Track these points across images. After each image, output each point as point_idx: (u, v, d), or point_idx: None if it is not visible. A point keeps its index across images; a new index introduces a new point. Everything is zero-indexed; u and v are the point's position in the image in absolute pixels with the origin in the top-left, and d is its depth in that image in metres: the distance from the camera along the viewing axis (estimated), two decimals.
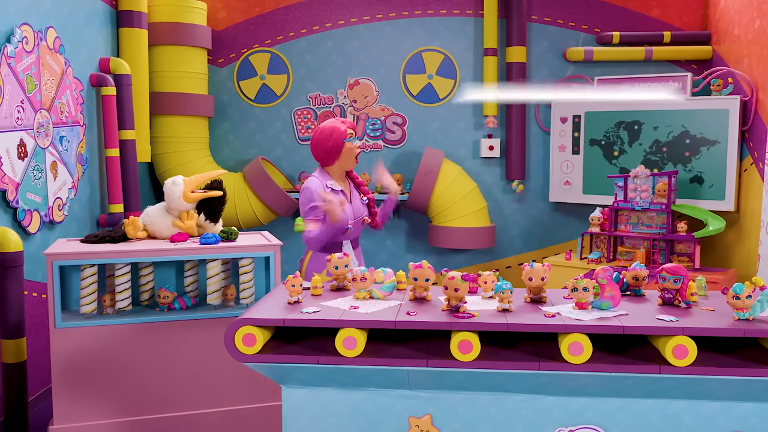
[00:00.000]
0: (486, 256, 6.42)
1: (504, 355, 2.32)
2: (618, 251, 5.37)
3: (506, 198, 6.37)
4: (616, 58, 6.06)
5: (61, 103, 4.27)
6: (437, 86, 6.29)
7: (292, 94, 6.32)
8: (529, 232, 6.38)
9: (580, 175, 5.99)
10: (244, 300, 3.45)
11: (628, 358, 2.29)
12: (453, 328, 2.29)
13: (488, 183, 6.35)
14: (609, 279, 2.43)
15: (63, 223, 4.30)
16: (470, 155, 6.34)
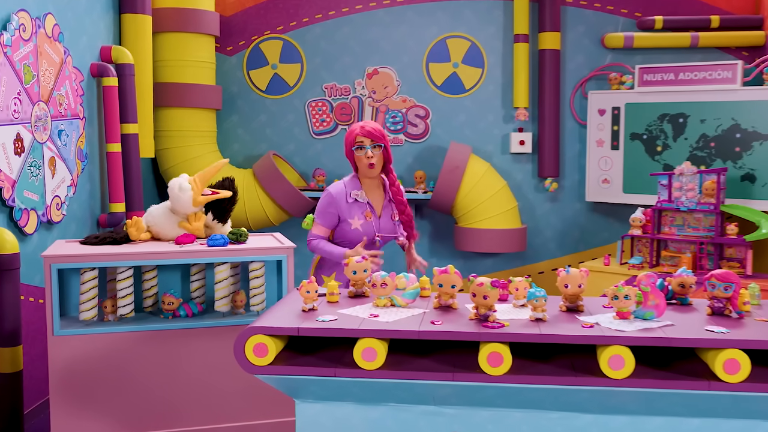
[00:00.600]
0: (517, 261, 6.39)
1: (537, 369, 2.31)
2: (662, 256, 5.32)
3: (539, 197, 6.34)
4: (659, 45, 6.00)
5: (60, 95, 4.31)
6: (463, 76, 6.27)
7: (305, 85, 6.34)
8: (563, 235, 6.34)
9: (620, 173, 5.95)
10: (255, 307, 3.47)
11: (673, 373, 2.27)
12: (482, 339, 2.27)
13: (519, 181, 6.32)
14: (653, 286, 2.41)
15: (61, 223, 4.34)
16: (499, 150, 6.31)
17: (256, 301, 3.46)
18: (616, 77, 5.97)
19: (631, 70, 6.00)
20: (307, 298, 2.60)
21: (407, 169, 6.32)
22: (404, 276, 2.72)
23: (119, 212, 4.95)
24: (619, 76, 5.97)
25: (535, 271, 6.37)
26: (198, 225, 3.53)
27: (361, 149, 3.37)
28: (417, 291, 2.69)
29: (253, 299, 3.47)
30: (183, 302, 3.47)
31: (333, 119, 6.32)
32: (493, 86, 6.28)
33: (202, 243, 3.47)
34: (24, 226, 3.87)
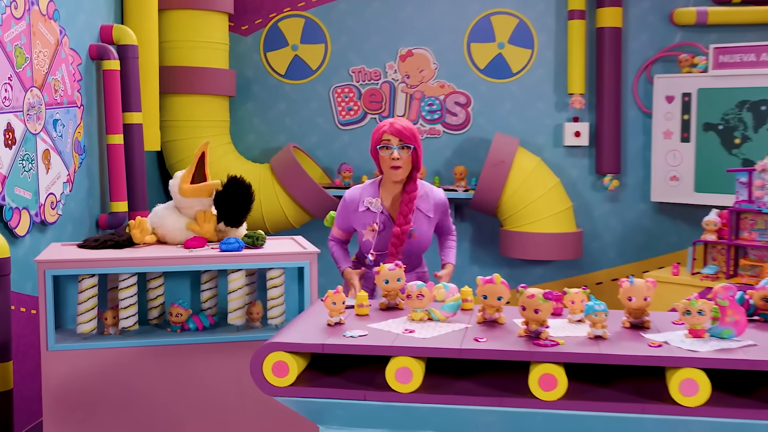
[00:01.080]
0: (571, 270, 6.35)
1: (596, 394, 2.29)
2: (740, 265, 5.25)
3: (596, 197, 6.29)
4: (737, 21, 5.92)
5: (56, 80, 4.37)
6: (510, 58, 6.25)
7: (330, 68, 6.36)
8: (625, 240, 6.29)
9: (691, 169, 5.89)
10: (273, 320, 3.48)
11: (755, 401, 2.24)
12: (532, 359, 2.26)
13: (574, 178, 6.28)
14: (731, 300, 2.38)
15: (57, 224, 4.40)
16: (551, 143, 6.28)
17: (274, 314, 3.48)
18: (686, 59, 5.90)
19: (704, 50, 5.93)
20: (333, 310, 2.60)
21: (445, 165, 6.31)
22: (443, 286, 2.72)
23: (121, 212, 5.01)
24: (690, 57, 5.91)
25: (592, 281, 6.32)
26: (208, 227, 3.56)
27: (386, 149, 3.37)
28: (458, 303, 2.68)
29: (272, 311, 3.48)
30: (192, 314, 3.49)
31: (361, 107, 6.33)
32: (544, 70, 6.24)
33: (214, 247, 3.49)
34: (15, 228, 3.92)
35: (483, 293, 2.60)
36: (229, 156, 6.05)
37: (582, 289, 2.66)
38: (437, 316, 2.65)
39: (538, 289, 2.39)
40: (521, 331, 2.43)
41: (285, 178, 5.85)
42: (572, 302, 2.64)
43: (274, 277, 3.47)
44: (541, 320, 2.38)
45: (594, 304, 2.40)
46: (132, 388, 3.32)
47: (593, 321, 2.40)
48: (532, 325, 2.39)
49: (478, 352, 2.30)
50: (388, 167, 3.38)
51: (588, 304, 2.41)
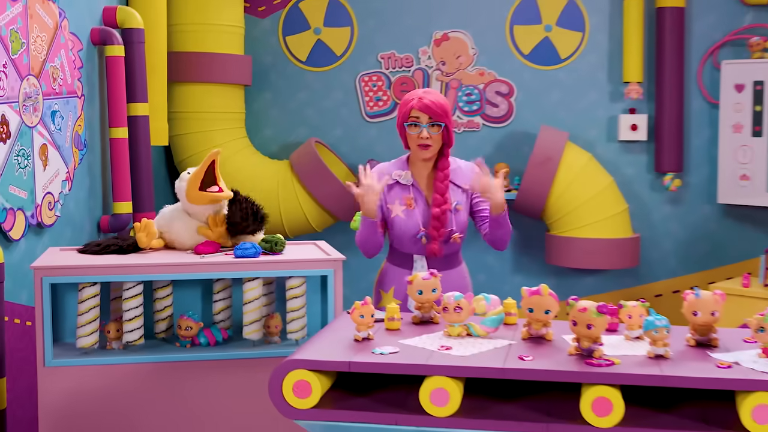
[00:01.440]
0: (627, 280, 6.30)
1: (657, 420, 2.27)
2: None
3: (656, 198, 6.25)
4: None
5: (54, 68, 4.41)
6: (558, 41, 6.22)
7: (357, 54, 6.37)
8: (688, 247, 6.24)
9: (764, 167, 5.82)
10: (294, 334, 3.49)
11: None
12: (585, 380, 2.25)
13: (630, 177, 6.24)
14: None
15: (55, 227, 4.43)
16: (604, 137, 6.24)
17: (295, 327, 3.48)
18: (758, 42, 5.84)
19: None
20: (360, 323, 2.60)
21: (486, 161, 6.25)
22: (484, 298, 2.71)
23: (125, 214, 5.04)
24: (762, 40, 5.84)
25: (651, 293, 6.27)
26: (221, 230, 3.57)
27: (415, 126, 3.39)
28: (501, 317, 2.67)
29: (292, 324, 3.49)
30: (204, 327, 3.51)
31: (391, 98, 6.33)
32: (596, 55, 6.21)
33: (228, 253, 3.50)
34: (9, 231, 3.96)
35: (528, 306, 2.58)
36: (244, 152, 6.07)
37: (640, 302, 2.64)
38: (477, 331, 2.64)
39: (590, 302, 2.37)
40: (572, 349, 2.41)
41: (306, 177, 5.87)
42: (629, 317, 2.62)
43: (294, 286, 3.47)
44: (595, 337, 2.36)
45: (654, 320, 2.38)
46: (136, 409, 3.33)
47: (653, 338, 2.38)
48: (584, 342, 2.37)
49: (523, 372, 2.29)
50: (415, 145, 3.40)
51: (647, 319, 2.39)
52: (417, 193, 3.47)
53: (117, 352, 3.38)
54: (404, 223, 3.43)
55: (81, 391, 3.28)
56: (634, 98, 6.14)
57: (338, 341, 2.58)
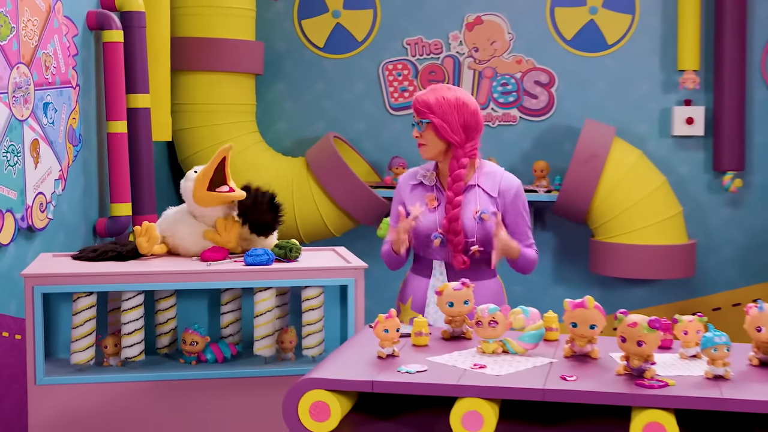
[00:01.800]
0: (682, 291, 6.27)
1: None
2: None
3: (714, 200, 6.21)
4: None
5: (47, 55, 4.44)
6: (604, 25, 6.20)
7: (380, 40, 6.37)
8: (750, 255, 6.21)
9: None
10: (310, 350, 3.50)
11: None
12: (634, 403, 2.24)
13: (685, 176, 6.21)
14: None
15: (47, 231, 4.47)
16: (656, 132, 6.22)
17: (311, 343, 3.49)
18: None
19: None
20: (384, 339, 2.61)
21: (523, 159, 6.28)
22: (522, 311, 2.70)
23: (124, 216, 5.06)
24: None
25: (708, 306, 6.24)
26: (230, 236, 3.59)
27: (412, 125, 3.50)
28: (541, 332, 2.67)
29: (308, 339, 3.50)
30: (210, 342, 3.52)
31: (417, 88, 6.33)
32: (647, 40, 6.18)
33: (238, 260, 3.52)
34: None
35: (572, 320, 2.57)
36: (255, 148, 6.09)
37: (697, 317, 2.63)
38: (514, 348, 2.64)
39: (641, 316, 2.36)
40: (620, 369, 2.40)
41: (323, 175, 5.88)
42: (685, 333, 2.61)
43: (311, 297, 3.48)
44: (646, 355, 2.35)
45: (713, 336, 2.36)
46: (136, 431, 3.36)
47: (712, 357, 2.36)
48: (635, 360, 2.36)
49: (565, 393, 2.28)
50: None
51: (705, 336, 2.38)
52: (440, 195, 3.47)
53: (115, 369, 3.40)
54: (422, 224, 3.44)
55: (75, 412, 3.30)
56: (689, 88, 6.11)
57: (360, 358, 2.58)
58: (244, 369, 3.43)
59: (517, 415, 2.50)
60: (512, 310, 2.72)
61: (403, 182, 3.57)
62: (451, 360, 2.57)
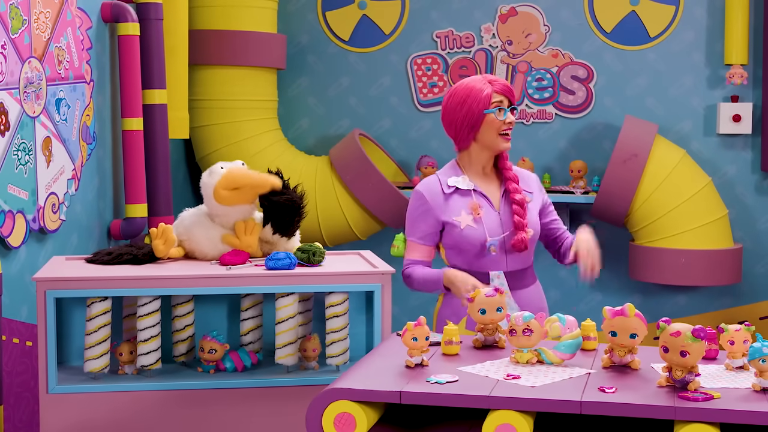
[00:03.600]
0: (727, 299, 6.24)
1: None
2: None
3: (763, 202, 6.18)
4: None
5: (59, 49, 4.47)
6: (646, 17, 6.18)
7: (408, 32, 6.38)
8: None
9: None
10: (334, 359, 3.50)
11: None
12: (677, 417, 2.24)
13: (732, 177, 6.18)
14: None
15: (59, 233, 4.49)
16: (701, 130, 6.19)
17: (336, 351, 3.50)
18: None
19: None
20: (413, 347, 2.61)
21: (559, 158, 6.27)
22: (558, 319, 2.70)
23: (140, 218, 5.09)
24: None
25: (756, 314, 6.20)
26: (251, 239, 3.60)
27: (500, 111, 3.43)
28: (578, 341, 2.67)
29: (332, 348, 3.50)
30: (230, 350, 3.53)
31: (448, 83, 6.33)
32: (692, 33, 6.16)
33: (259, 264, 3.53)
34: (7, 237, 4.02)
35: (611, 329, 2.57)
36: (277, 146, 6.11)
37: (744, 326, 2.62)
38: (550, 358, 2.64)
39: (684, 325, 2.35)
40: (662, 380, 2.40)
41: (348, 175, 5.88)
42: (731, 343, 2.60)
43: (335, 303, 3.49)
44: (690, 366, 2.34)
45: (762, 346, 2.35)
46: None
47: (760, 368, 2.35)
48: (678, 371, 2.35)
49: (604, 406, 2.28)
50: (496, 136, 3.44)
51: (753, 346, 2.37)
52: (481, 199, 3.46)
53: (130, 378, 3.42)
54: (475, 233, 3.41)
55: (88, 422, 3.32)
56: (737, 84, 6.08)
57: (387, 368, 2.59)
58: (264, 378, 3.44)
59: (553, 428, 2.49)
60: (548, 318, 2.72)
61: (430, 194, 3.46)
62: (483, 370, 2.58)
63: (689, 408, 2.23)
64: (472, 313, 2.83)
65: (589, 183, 6.12)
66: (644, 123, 5.91)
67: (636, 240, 6.02)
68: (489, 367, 2.60)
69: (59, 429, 3.31)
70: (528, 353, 2.64)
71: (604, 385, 2.42)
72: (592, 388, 2.39)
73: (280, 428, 3.41)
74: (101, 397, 3.33)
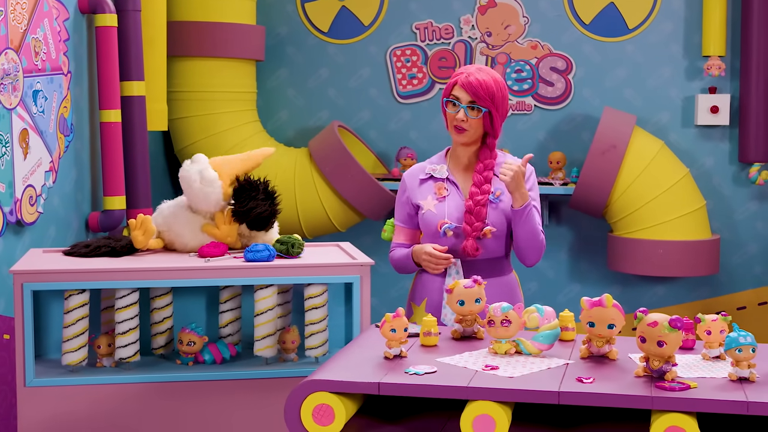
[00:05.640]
0: (704, 289, 6.27)
1: None
2: None
3: (740, 193, 6.21)
4: None
5: (36, 40, 4.45)
6: (625, 8, 6.19)
7: (387, 24, 6.37)
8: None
9: None
10: (313, 351, 3.50)
11: None
12: (654, 407, 2.24)
13: (709, 168, 6.21)
14: None
15: (37, 225, 4.48)
16: (679, 122, 6.21)
17: (315, 343, 3.50)
18: None
19: None
20: (391, 339, 2.61)
21: (538, 149, 6.27)
22: (537, 310, 2.71)
23: (118, 210, 5.07)
24: None
25: (733, 305, 6.23)
26: (230, 229, 3.60)
27: (453, 105, 3.41)
28: (556, 332, 2.67)
29: (311, 339, 3.50)
30: (208, 342, 3.53)
31: (428, 75, 6.33)
32: (670, 24, 6.18)
33: (237, 256, 3.53)
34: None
35: (589, 319, 2.58)
36: (256, 138, 6.09)
37: (721, 316, 2.63)
38: (528, 348, 2.64)
39: (661, 315, 2.37)
40: (640, 370, 2.41)
41: (328, 167, 5.88)
42: (708, 333, 2.61)
43: (314, 295, 3.49)
44: (667, 356, 2.36)
45: (737, 336, 2.36)
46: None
47: (736, 358, 2.37)
48: (655, 361, 2.37)
49: (581, 396, 2.29)
50: (451, 127, 3.44)
51: (729, 336, 2.38)
52: (451, 186, 3.48)
53: (108, 371, 3.42)
54: (434, 216, 3.44)
55: (66, 415, 3.31)
56: (714, 75, 6.10)
57: (365, 359, 2.59)
58: (243, 370, 3.44)
59: (531, 419, 2.50)
60: (526, 309, 2.72)
61: (410, 178, 3.56)
62: (462, 361, 2.58)
63: (666, 398, 2.24)
64: (450, 304, 2.84)
65: (568, 174, 6.14)
66: (623, 114, 5.92)
67: (615, 231, 6.04)
68: (467, 358, 2.61)
69: (37, 422, 3.30)
70: (506, 344, 2.64)
71: (582, 375, 2.43)
72: (570, 379, 2.40)
73: (259, 420, 3.41)
74: (79, 390, 3.32)
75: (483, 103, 3.36)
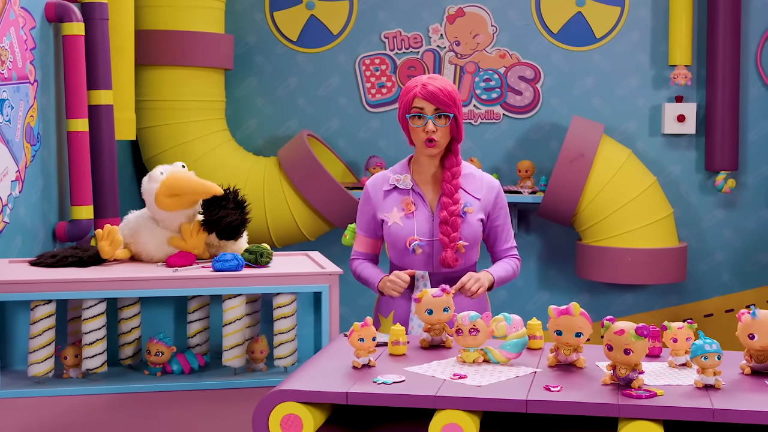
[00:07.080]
0: (672, 297, 6.31)
1: None
2: None
3: (706, 201, 6.25)
4: None
5: (2, 49, 4.42)
6: (592, 18, 6.23)
7: (356, 33, 6.38)
8: (744, 258, 6.25)
9: None
10: (282, 360, 3.49)
11: None
12: (621, 415, 2.25)
13: (676, 176, 6.25)
14: None
15: (3, 235, 4.45)
16: (646, 130, 6.25)
17: (283, 353, 3.49)
18: None
19: None
20: (360, 348, 2.61)
21: (506, 158, 6.30)
22: (504, 318, 2.71)
23: (85, 220, 5.04)
24: None
25: (699, 312, 6.27)
26: (196, 241, 3.59)
27: (418, 118, 3.36)
28: (524, 341, 2.68)
29: (280, 349, 3.49)
30: (176, 352, 3.51)
31: (396, 84, 6.34)
32: (637, 34, 6.22)
33: (205, 266, 3.52)
34: None
35: (556, 328, 2.59)
36: (225, 147, 6.08)
37: (687, 323, 2.65)
38: (496, 357, 2.65)
39: (628, 323, 2.38)
40: (607, 378, 2.42)
41: (297, 176, 5.88)
42: (674, 340, 2.63)
43: (283, 305, 3.48)
44: (634, 364, 2.37)
45: (703, 343, 2.38)
46: None
47: (702, 365, 2.38)
48: (622, 369, 2.38)
49: (549, 404, 2.30)
50: (420, 141, 3.38)
51: (695, 344, 2.40)
52: (417, 198, 3.45)
53: (75, 382, 3.39)
54: (401, 231, 3.42)
55: (33, 426, 3.28)
56: (681, 84, 6.14)
57: (334, 369, 2.59)
58: (212, 380, 3.43)
59: (499, 427, 2.50)
60: (494, 318, 2.72)
61: (373, 188, 3.51)
62: (430, 370, 2.58)
63: (632, 405, 2.25)
64: (419, 314, 2.84)
65: (536, 183, 6.16)
66: (591, 123, 5.96)
67: (583, 239, 6.07)
68: (435, 367, 2.61)
69: None
70: (474, 353, 2.65)
71: (550, 383, 2.44)
72: (537, 387, 2.40)
73: (227, 430, 3.40)
74: (46, 402, 3.30)
75: (448, 109, 3.34)
